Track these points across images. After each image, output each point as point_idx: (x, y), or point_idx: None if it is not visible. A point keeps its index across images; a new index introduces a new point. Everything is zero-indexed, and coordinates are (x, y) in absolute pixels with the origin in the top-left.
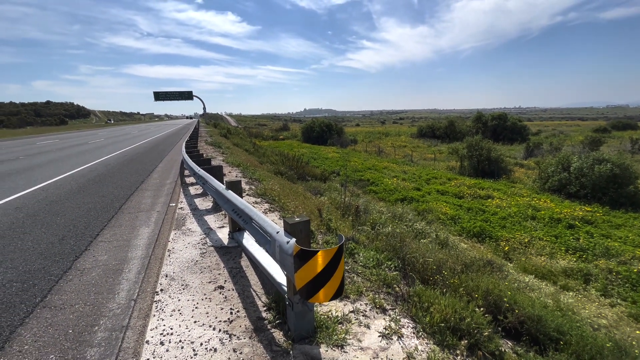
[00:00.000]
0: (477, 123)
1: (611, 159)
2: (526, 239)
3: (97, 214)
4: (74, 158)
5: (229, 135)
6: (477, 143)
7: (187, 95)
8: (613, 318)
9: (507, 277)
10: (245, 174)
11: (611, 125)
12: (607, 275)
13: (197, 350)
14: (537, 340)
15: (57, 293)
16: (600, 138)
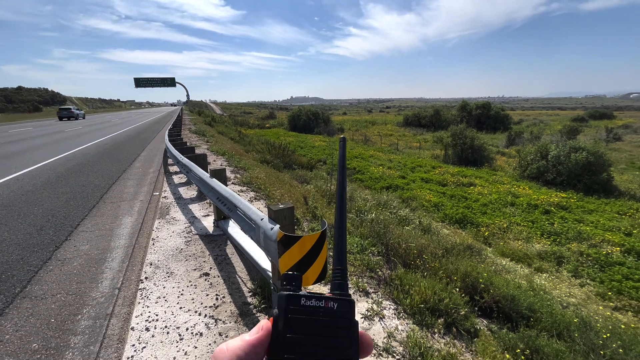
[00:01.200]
0: (461, 112)
1: (587, 148)
2: (505, 224)
3: (77, 203)
4: (50, 147)
5: (213, 123)
6: (461, 132)
7: (170, 81)
8: (582, 297)
9: (485, 260)
10: (231, 162)
11: (588, 115)
12: (578, 258)
13: (183, 335)
14: (510, 318)
15: (37, 283)
16: (578, 127)
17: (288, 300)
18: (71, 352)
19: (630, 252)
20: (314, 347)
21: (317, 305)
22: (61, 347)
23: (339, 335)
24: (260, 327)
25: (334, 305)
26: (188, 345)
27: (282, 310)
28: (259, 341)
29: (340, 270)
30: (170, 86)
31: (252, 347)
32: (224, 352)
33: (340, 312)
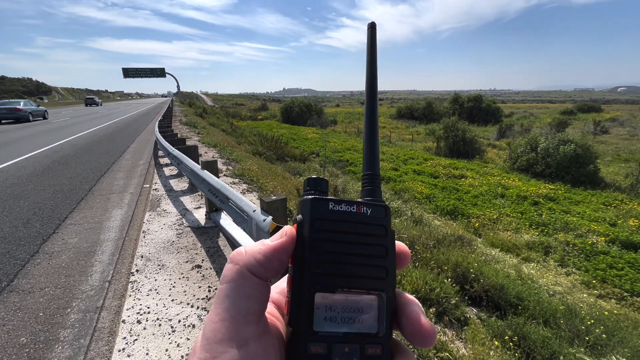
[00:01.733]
0: (454, 104)
1: (575, 140)
2: (495, 215)
3: (64, 196)
4: (36, 138)
5: (204, 114)
6: (453, 124)
7: (160, 72)
8: (567, 285)
9: (476, 250)
10: (223, 154)
11: (577, 108)
12: (564, 247)
13: (175, 327)
14: (499, 307)
15: (24, 277)
16: (567, 120)
17: (314, 205)
18: (61, 346)
19: (615, 241)
20: (345, 255)
21: (348, 210)
22: (50, 341)
23: (373, 243)
24: (283, 232)
25: (367, 211)
26: (180, 337)
27: (306, 216)
28: (282, 246)
29: (370, 176)
30: (160, 77)
31: (274, 252)
32: (241, 255)
33: (375, 218)
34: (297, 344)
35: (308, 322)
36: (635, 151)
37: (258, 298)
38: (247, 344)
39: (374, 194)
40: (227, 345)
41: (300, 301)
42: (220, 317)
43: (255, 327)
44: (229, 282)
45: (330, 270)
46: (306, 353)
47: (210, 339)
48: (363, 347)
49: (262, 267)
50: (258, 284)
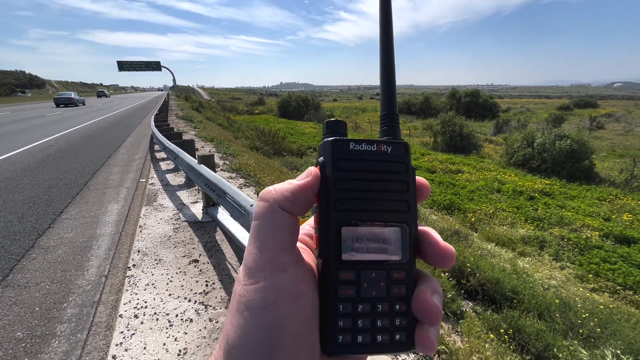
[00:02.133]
0: (451, 99)
1: (571, 136)
2: (491, 210)
3: (59, 190)
4: (30, 132)
5: (201, 109)
6: (450, 119)
7: (155, 65)
8: (562, 279)
9: (472, 245)
10: (219, 149)
11: (573, 104)
12: (559, 242)
13: (173, 322)
14: (495, 300)
15: (20, 272)
16: (563, 116)
17: (335, 146)
18: (57, 340)
19: (609, 236)
20: (367, 191)
21: (369, 150)
22: (47, 335)
23: (394, 180)
24: (309, 172)
25: (387, 149)
26: (178, 331)
27: (328, 157)
28: (308, 185)
29: (388, 116)
30: (156, 70)
31: (300, 190)
32: (271, 193)
33: (395, 156)
34: (329, 271)
35: (337, 252)
36: (630, 147)
37: (290, 230)
38: (286, 269)
39: (393, 134)
40: (268, 271)
41: (329, 235)
42: (259, 249)
43: (290, 255)
44: (262, 217)
45: (354, 206)
46: (337, 279)
47: (252, 267)
48: (389, 272)
49: (291, 202)
50: (288, 218)
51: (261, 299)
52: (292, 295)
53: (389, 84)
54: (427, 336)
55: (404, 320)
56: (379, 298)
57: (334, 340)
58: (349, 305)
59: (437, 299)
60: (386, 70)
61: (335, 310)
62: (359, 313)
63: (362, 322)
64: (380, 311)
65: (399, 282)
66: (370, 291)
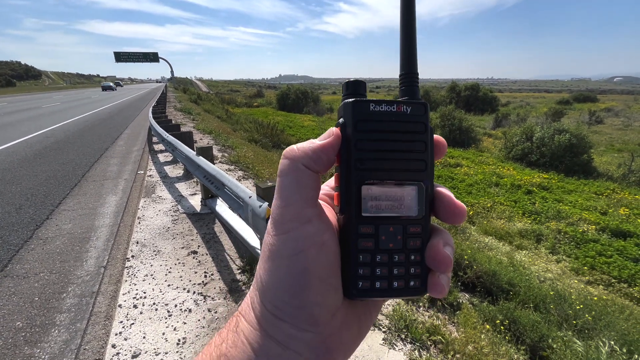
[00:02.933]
0: (451, 93)
1: (570, 130)
2: (489, 204)
3: (57, 182)
4: (26, 123)
5: (199, 101)
6: (449, 113)
7: (153, 56)
8: (557, 272)
9: (470, 238)
10: (218, 141)
11: (573, 98)
12: (556, 235)
13: (172, 312)
14: (491, 292)
15: (18, 262)
16: (562, 110)
17: (355, 107)
18: (57, 330)
19: (605, 230)
20: (387, 151)
21: (388, 110)
22: (46, 325)
23: (414, 140)
24: (330, 132)
25: (407, 110)
26: (177, 321)
27: (349, 118)
28: (330, 144)
29: (407, 76)
30: (154, 62)
31: (322, 149)
32: (294, 151)
33: (414, 116)
34: (350, 226)
35: (357, 209)
36: (628, 141)
37: (312, 186)
38: (310, 221)
39: (412, 94)
40: (295, 222)
41: (349, 193)
42: (285, 203)
43: (314, 209)
44: (286, 174)
45: (374, 166)
46: (357, 233)
47: (279, 221)
48: (405, 227)
49: (313, 161)
50: (311, 175)
51: (290, 247)
52: (317, 244)
53: (409, 41)
54: (438, 282)
55: (418, 269)
56: (395, 249)
57: (355, 285)
58: (368, 255)
59: (448, 250)
60: (406, 26)
61: (356, 260)
62: (378, 263)
63: (380, 270)
64: (397, 261)
65: (414, 235)
66: (388, 243)
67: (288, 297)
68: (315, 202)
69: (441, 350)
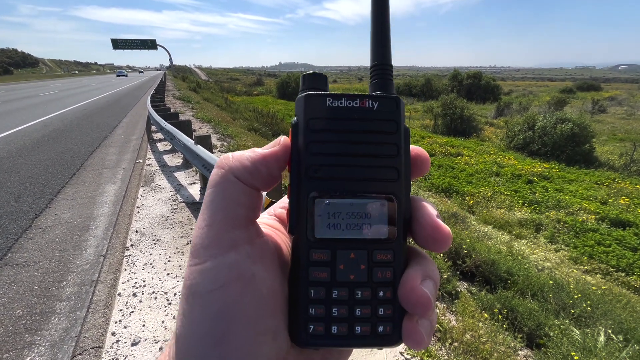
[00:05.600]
0: (453, 81)
1: (572, 119)
2: (489, 193)
3: (56, 170)
4: (24, 112)
5: (198, 89)
6: (451, 102)
7: (151, 44)
8: (556, 261)
9: (469, 227)
10: (217, 130)
11: (576, 87)
12: (555, 225)
13: (171, 300)
14: (489, 281)
15: (18, 251)
16: (565, 99)
17: (308, 102)
18: (57, 318)
19: (604, 219)
20: (347, 156)
21: (349, 106)
22: (46, 313)
23: (382, 142)
24: (277, 141)
25: (372, 105)
26: (177, 309)
27: (300, 116)
28: (273, 155)
29: (379, 67)
30: (152, 49)
31: (263, 160)
32: (228, 160)
33: (383, 113)
34: (299, 251)
35: (309, 228)
36: (631, 131)
37: (245, 204)
38: (236, 247)
39: (385, 87)
40: (214, 248)
41: (299, 207)
42: (206, 222)
43: (244, 231)
44: (214, 186)
45: (330, 174)
46: (308, 260)
47: (197, 244)
48: (371, 253)
49: (249, 173)
50: (245, 190)
51: (206, 281)
52: (243, 276)
53: (382, 28)
54: (416, 329)
55: (388, 309)
56: (358, 283)
57: (305, 329)
58: (321, 290)
59: (428, 286)
60: (378, 12)
61: (305, 296)
62: (334, 300)
63: (337, 310)
64: (360, 298)
65: (384, 264)
66: (348, 274)
67: (205, 349)
68: (248, 223)
69: (439, 339)
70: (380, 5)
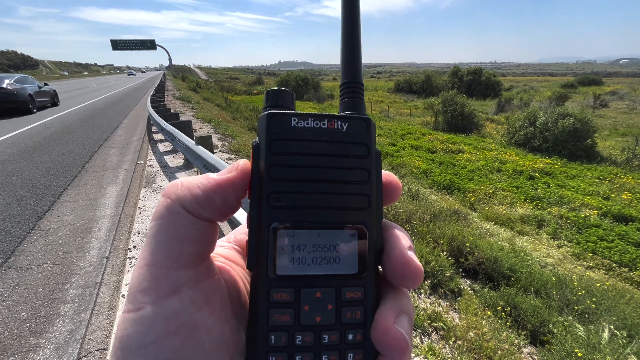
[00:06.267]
0: (453, 78)
1: (574, 114)
2: (491, 190)
3: (57, 173)
4: (24, 114)
5: (198, 89)
6: (451, 98)
7: (150, 44)
8: (558, 257)
9: (471, 224)
10: (218, 129)
11: (578, 81)
12: (557, 221)
13: None
14: (492, 278)
15: (21, 254)
16: (567, 94)
17: (271, 122)
18: (62, 320)
19: (607, 215)
20: (313, 182)
21: (316, 127)
22: (51, 315)
23: (351, 166)
24: (235, 166)
25: (342, 126)
26: None
27: (263, 136)
28: (229, 182)
29: (349, 85)
30: (151, 49)
31: (216, 187)
32: (175, 188)
33: (353, 135)
34: (258, 290)
35: (269, 264)
36: (633, 125)
37: (194, 239)
38: (179, 291)
39: (355, 107)
40: (152, 293)
41: (259, 240)
42: (145, 262)
43: (191, 271)
44: (157, 219)
45: (294, 202)
46: (269, 301)
47: (134, 287)
48: (340, 291)
49: (199, 203)
50: (194, 223)
51: (140, 334)
52: (183, 328)
53: (353, 44)
54: None
55: (359, 353)
56: (325, 326)
57: None
58: (283, 335)
59: (403, 325)
60: (349, 26)
61: (264, 342)
62: (298, 346)
63: (301, 357)
64: (327, 343)
65: (353, 302)
66: (314, 316)
67: None
68: (196, 261)
69: (442, 337)
70: (350, 21)
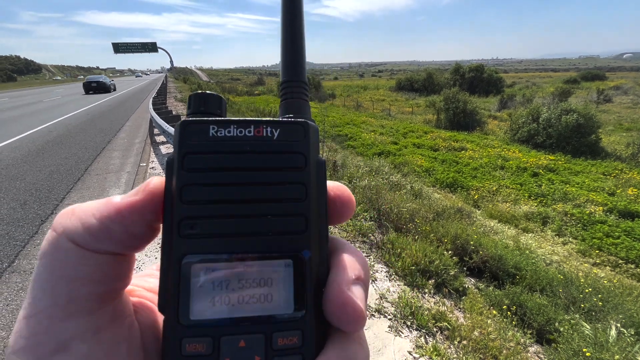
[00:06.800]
0: (455, 75)
1: (577, 110)
2: (494, 187)
3: (60, 176)
4: (28, 118)
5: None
6: (453, 95)
7: (151, 46)
8: (564, 254)
9: (475, 222)
10: None
11: (581, 77)
12: (562, 218)
13: None
14: (497, 277)
15: (25, 258)
16: (570, 89)
17: (184, 131)
18: None
19: (612, 211)
20: (235, 203)
21: (241, 135)
22: None
23: (283, 181)
24: (143, 186)
25: (272, 133)
26: None
27: (175, 150)
28: (132, 207)
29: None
30: (152, 52)
31: (116, 215)
32: (66, 217)
33: (286, 144)
34: (168, 340)
35: (181, 307)
36: (637, 120)
37: (91, 278)
38: (66, 347)
39: (297, 109)
40: (32, 351)
41: (170, 276)
42: (25, 313)
43: (84, 319)
44: (40, 258)
45: (211, 229)
46: (179, 354)
47: (9, 347)
48: (270, 338)
49: (92, 235)
50: (89, 259)
51: None
52: None
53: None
54: None
55: None
56: None
57: None
58: None
59: None
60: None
61: None
62: None
63: None
64: None
65: (288, 351)
66: None
67: None
68: (94, 305)
69: (447, 337)
70: (291, 15)
